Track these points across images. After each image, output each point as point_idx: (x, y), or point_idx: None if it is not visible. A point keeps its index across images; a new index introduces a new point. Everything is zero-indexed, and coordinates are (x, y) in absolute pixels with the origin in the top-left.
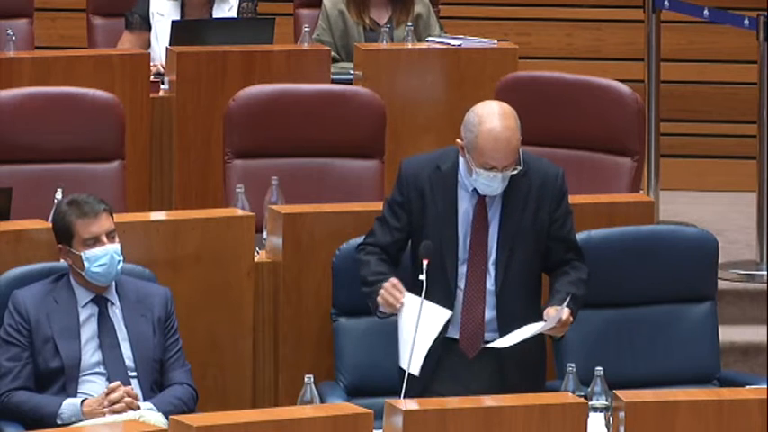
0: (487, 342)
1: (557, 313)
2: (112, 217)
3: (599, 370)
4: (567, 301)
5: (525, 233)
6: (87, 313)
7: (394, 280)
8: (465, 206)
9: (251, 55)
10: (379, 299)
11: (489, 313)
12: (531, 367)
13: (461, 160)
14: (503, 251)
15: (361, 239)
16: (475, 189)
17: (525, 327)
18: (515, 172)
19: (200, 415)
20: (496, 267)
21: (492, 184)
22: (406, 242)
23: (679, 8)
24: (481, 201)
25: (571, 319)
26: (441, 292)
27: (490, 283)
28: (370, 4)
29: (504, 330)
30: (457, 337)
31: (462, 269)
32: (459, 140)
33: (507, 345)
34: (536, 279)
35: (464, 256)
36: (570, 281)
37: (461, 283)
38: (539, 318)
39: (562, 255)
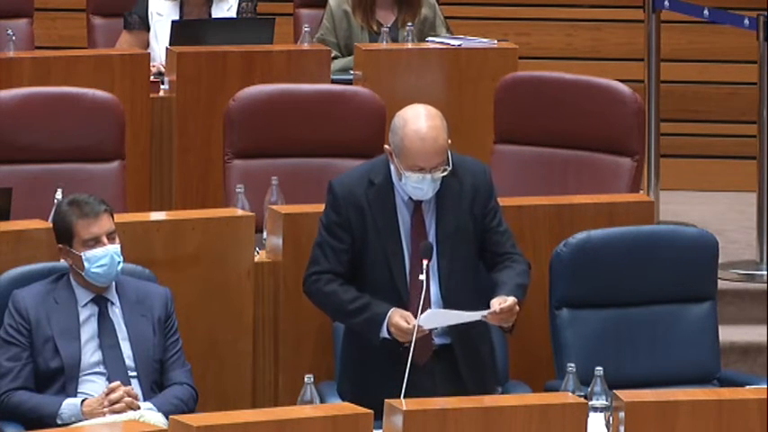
0: (439, 345)
1: (497, 301)
2: (113, 217)
3: (599, 370)
4: (513, 291)
5: (462, 233)
6: (87, 313)
7: (404, 320)
8: (404, 216)
9: (251, 55)
10: (395, 332)
11: None
12: (482, 369)
13: (393, 169)
14: (443, 254)
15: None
16: (411, 197)
17: (463, 312)
18: (444, 173)
19: (200, 415)
20: (439, 271)
21: (422, 186)
22: (353, 262)
23: (679, 8)
24: (417, 208)
25: (517, 307)
26: (394, 305)
27: (436, 288)
28: (376, 7)
29: (453, 332)
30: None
31: (410, 278)
32: (386, 146)
33: (439, 325)
34: (476, 279)
35: (410, 266)
36: (516, 273)
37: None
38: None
39: (501, 247)
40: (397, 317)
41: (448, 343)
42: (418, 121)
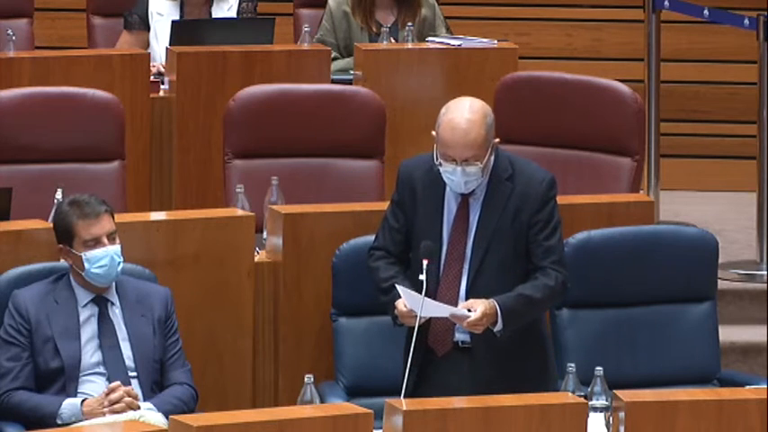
0: (457, 342)
1: (468, 302)
2: (113, 218)
3: (599, 370)
4: (505, 299)
5: (501, 235)
6: (87, 313)
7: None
8: (450, 206)
9: (251, 55)
10: (398, 317)
11: None
12: (508, 365)
13: None
14: (476, 252)
15: (363, 239)
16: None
17: (436, 303)
18: (474, 168)
19: (200, 415)
20: (470, 268)
21: (453, 177)
22: (408, 241)
23: (679, 8)
24: (464, 201)
25: (482, 315)
26: (425, 293)
27: (465, 284)
28: (375, 8)
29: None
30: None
31: (444, 267)
32: (433, 132)
33: (423, 313)
34: (514, 283)
35: (446, 255)
36: (532, 285)
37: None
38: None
39: (540, 260)
40: (400, 299)
41: (468, 340)
42: (457, 111)
